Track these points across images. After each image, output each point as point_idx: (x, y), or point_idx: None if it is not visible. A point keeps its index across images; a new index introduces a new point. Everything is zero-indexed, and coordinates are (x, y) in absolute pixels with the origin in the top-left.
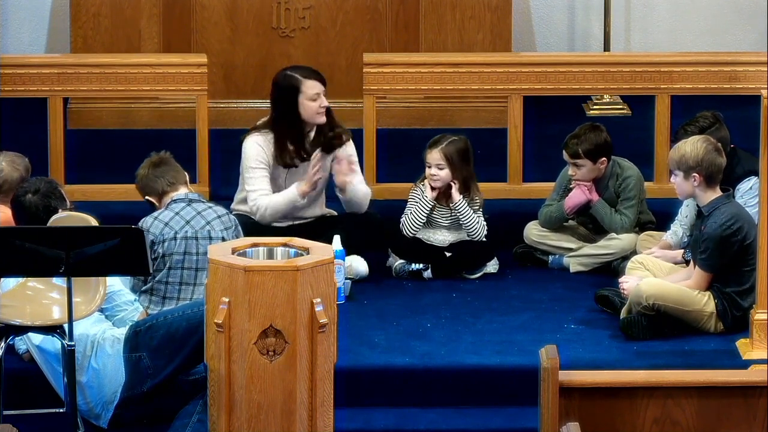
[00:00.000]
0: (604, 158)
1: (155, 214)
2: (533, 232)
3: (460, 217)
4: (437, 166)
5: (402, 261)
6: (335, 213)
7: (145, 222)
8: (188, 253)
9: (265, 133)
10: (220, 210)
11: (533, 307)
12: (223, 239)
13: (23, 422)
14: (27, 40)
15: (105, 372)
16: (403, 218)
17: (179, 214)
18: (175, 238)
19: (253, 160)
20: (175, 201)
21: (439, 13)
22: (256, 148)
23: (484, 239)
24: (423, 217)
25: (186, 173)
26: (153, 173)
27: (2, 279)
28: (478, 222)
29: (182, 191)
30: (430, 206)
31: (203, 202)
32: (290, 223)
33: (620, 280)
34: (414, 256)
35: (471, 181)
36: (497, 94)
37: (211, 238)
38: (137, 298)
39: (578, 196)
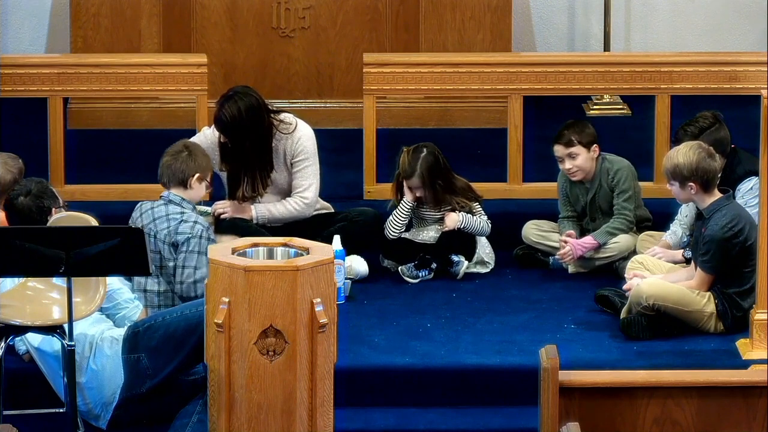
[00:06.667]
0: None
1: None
2: (532, 231)
3: (467, 231)
4: (417, 189)
5: (409, 264)
6: (331, 209)
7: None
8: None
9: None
10: (191, 216)
11: (533, 307)
12: (166, 243)
13: (23, 422)
14: (27, 40)
15: (104, 373)
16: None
17: (153, 209)
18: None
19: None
20: (159, 199)
21: (439, 13)
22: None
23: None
24: (403, 220)
25: (194, 167)
26: (168, 162)
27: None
28: (480, 223)
29: (164, 192)
30: (409, 207)
31: (180, 205)
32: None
33: (627, 271)
34: (402, 256)
35: (452, 189)
36: (497, 94)
37: (155, 239)
38: (136, 296)
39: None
